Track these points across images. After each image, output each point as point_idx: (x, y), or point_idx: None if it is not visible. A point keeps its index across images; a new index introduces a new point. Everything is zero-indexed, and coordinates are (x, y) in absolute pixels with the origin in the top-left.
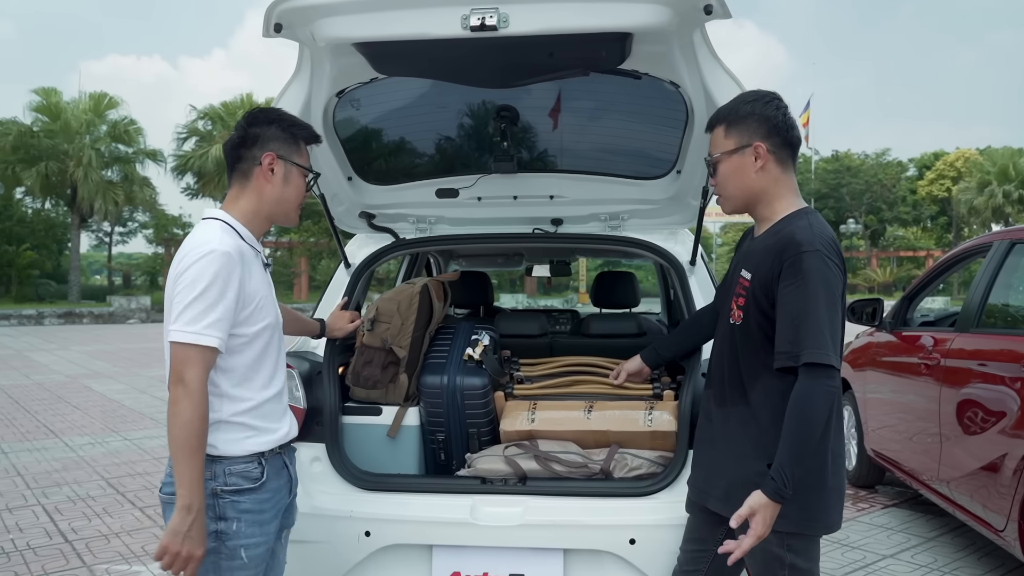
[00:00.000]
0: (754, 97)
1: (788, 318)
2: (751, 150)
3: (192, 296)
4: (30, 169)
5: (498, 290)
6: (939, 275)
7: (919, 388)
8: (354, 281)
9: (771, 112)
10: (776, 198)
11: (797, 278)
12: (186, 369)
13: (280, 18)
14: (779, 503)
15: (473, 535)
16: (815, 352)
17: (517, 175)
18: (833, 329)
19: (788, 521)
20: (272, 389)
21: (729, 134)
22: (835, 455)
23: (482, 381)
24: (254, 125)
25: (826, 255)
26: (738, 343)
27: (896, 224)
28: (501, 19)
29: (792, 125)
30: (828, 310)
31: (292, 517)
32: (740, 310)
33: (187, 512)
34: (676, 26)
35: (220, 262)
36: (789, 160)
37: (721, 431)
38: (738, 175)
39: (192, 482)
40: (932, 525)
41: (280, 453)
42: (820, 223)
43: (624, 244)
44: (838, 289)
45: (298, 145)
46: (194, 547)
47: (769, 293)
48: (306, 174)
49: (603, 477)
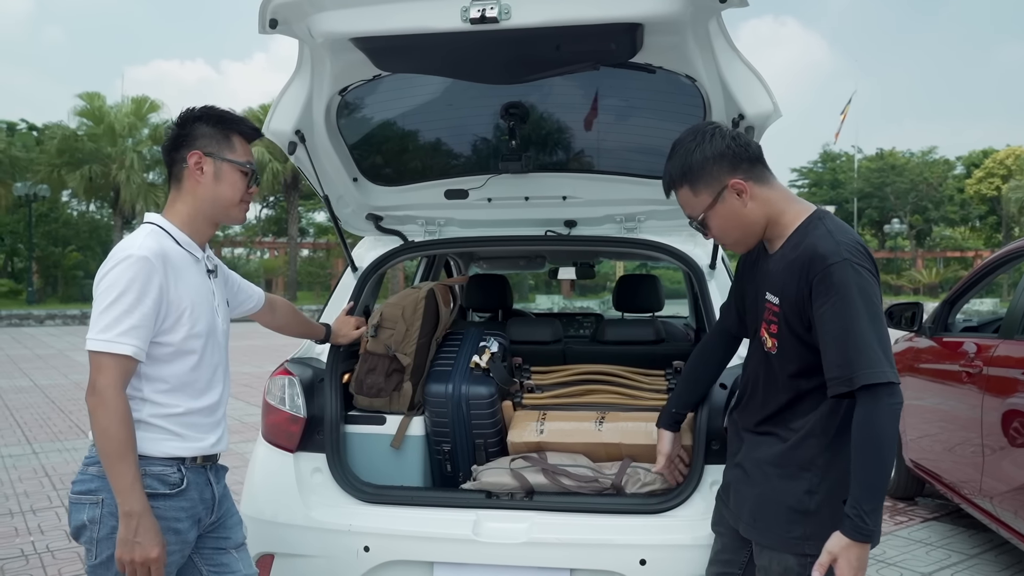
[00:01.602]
0: (694, 143)
1: (832, 340)
2: (729, 190)
3: (107, 302)
4: (75, 172)
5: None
6: (983, 278)
7: (960, 397)
8: (360, 285)
9: (721, 146)
10: (778, 215)
11: (831, 295)
12: (99, 377)
13: (275, 13)
14: (863, 542)
15: (476, 552)
16: (870, 372)
17: (529, 175)
18: (882, 341)
19: (818, 543)
20: (204, 401)
21: (697, 190)
22: None
23: (489, 390)
24: (183, 125)
25: (856, 263)
26: (778, 371)
27: (943, 224)
28: (502, 11)
29: (745, 141)
30: (872, 322)
31: (239, 534)
32: (773, 338)
33: (128, 518)
34: (690, 16)
35: (136, 267)
36: (765, 172)
37: (752, 454)
38: (733, 219)
39: (127, 487)
40: (974, 541)
41: (204, 467)
42: (839, 227)
43: (640, 247)
44: (877, 296)
45: (230, 140)
46: (147, 550)
47: (803, 316)
48: (244, 170)
49: (614, 492)
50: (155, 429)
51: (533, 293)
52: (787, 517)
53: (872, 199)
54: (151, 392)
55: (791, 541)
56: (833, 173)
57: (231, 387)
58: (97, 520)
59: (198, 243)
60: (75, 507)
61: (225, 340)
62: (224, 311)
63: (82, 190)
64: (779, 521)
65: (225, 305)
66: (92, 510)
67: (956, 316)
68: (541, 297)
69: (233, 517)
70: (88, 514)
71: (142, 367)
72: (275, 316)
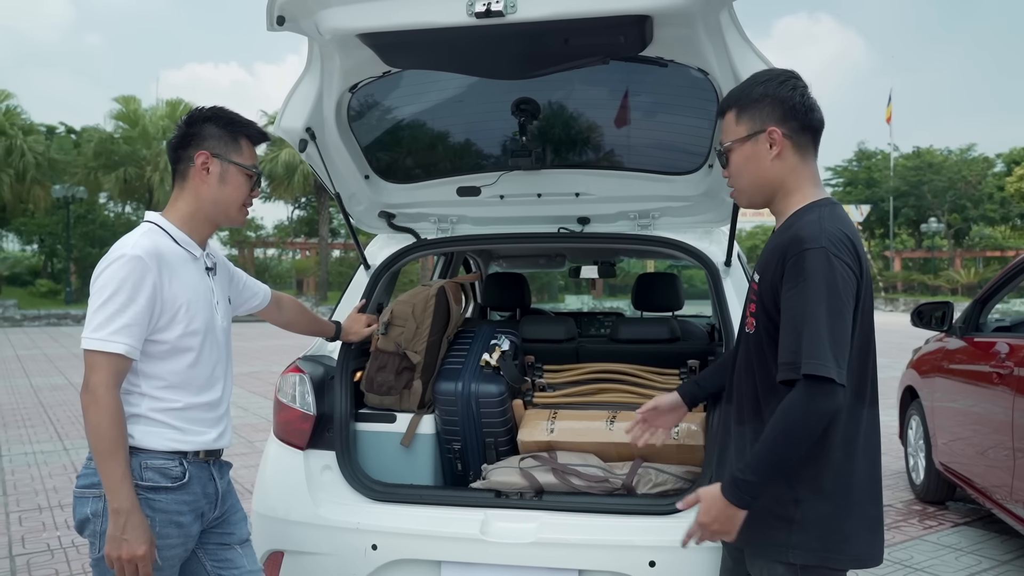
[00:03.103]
0: (767, 77)
1: (790, 325)
2: (765, 136)
3: (100, 301)
4: (111, 174)
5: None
6: (1014, 277)
7: (991, 398)
8: (373, 283)
9: (786, 93)
10: (793, 190)
11: (799, 279)
12: (92, 375)
13: (282, 10)
14: (734, 504)
15: (483, 552)
16: (815, 363)
17: (541, 172)
18: (835, 338)
19: (803, 552)
20: (205, 397)
21: (741, 120)
22: (864, 478)
23: (499, 388)
24: (191, 124)
25: (833, 252)
26: (753, 354)
27: (982, 223)
28: (508, 4)
29: (811, 107)
30: (830, 315)
31: (244, 530)
32: (753, 317)
33: (117, 515)
34: (700, 7)
35: (129, 267)
36: (810, 146)
37: (738, 453)
38: (752, 165)
39: (115, 484)
40: (1007, 547)
41: (207, 463)
42: (834, 216)
43: (654, 244)
44: (846, 291)
45: (237, 143)
46: (134, 547)
47: (776, 297)
48: (249, 174)
49: (625, 493)
50: (155, 423)
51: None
52: (772, 524)
53: (908, 198)
54: (149, 388)
55: (776, 548)
56: (868, 172)
57: (258, 385)
58: (100, 514)
59: (197, 241)
60: (79, 500)
61: (225, 337)
62: (224, 308)
63: (118, 192)
64: (764, 528)
65: (226, 303)
66: (95, 504)
67: (988, 316)
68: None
69: (237, 513)
70: (92, 507)
71: (139, 364)
72: (282, 313)
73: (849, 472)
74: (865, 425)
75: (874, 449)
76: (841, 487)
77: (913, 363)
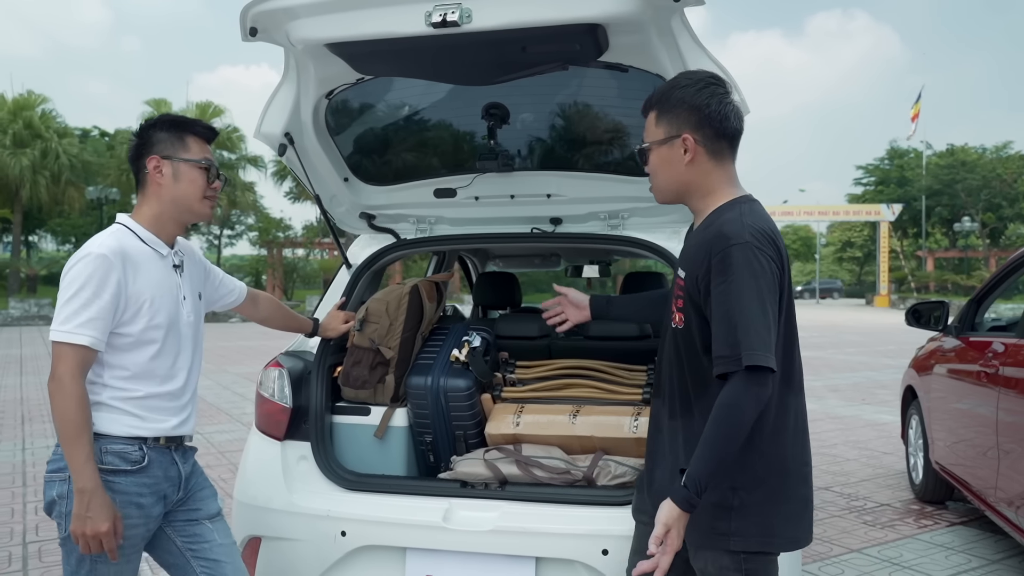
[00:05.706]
0: (687, 82)
1: (723, 319)
2: (680, 142)
3: (67, 296)
4: None
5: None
6: (1008, 276)
7: (980, 397)
8: (353, 281)
9: (703, 100)
10: (710, 192)
11: (727, 275)
12: (58, 365)
13: (254, 22)
14: (688, 512)
15: (446, 539)
16: (755, 354)
17: (514, 174)
18: (768, 326)
19: (744, 539)
20: (167, 387)
21: (659, 122)
22: (796, 462)
23: (466, 383)
24: (141, 135)
25: (756, 247)
26: (681, 349)
27: (1018, 221)
28: (463, 14)
29: (728, 115)
30: (760, 307)
31: (212, 506)
32: (680, 312)
33: (81, 495)
34: (649, 15)
35: (94, 264)
36: (725, 151)
37: (670, 446)
38: (667, 167)
39: (79, 466)
40: (999, 546)
41: (168, 448)
42: (754, 213)
43: (623, 244)
44: (771, 284)
45: (184, 141)
46: (97, 524)
47: (702, 291)
48: (201, 167)
49: (586, 484)
50: (115, 411)
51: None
52: (712, 513)
53: (942, 196)
54: (111, 378)
55: (717, 537)
56: (900, 170)
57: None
58: (65, 495)
59: (164, 240)
60: (48, 484)
61: (192, 331)
62: (193, 303)
63: None
64: (705, 518)
65: (196, 298)
66: (61, 486)
67: (984, 315)
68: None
69: (204, 491)
70: (58, 490)
71: (104, 355)
72: (257, 309)
73: (783, 457)
74: (794, 411)
75: (803, 432)
76: (775, 472)
77: (913, 363)
